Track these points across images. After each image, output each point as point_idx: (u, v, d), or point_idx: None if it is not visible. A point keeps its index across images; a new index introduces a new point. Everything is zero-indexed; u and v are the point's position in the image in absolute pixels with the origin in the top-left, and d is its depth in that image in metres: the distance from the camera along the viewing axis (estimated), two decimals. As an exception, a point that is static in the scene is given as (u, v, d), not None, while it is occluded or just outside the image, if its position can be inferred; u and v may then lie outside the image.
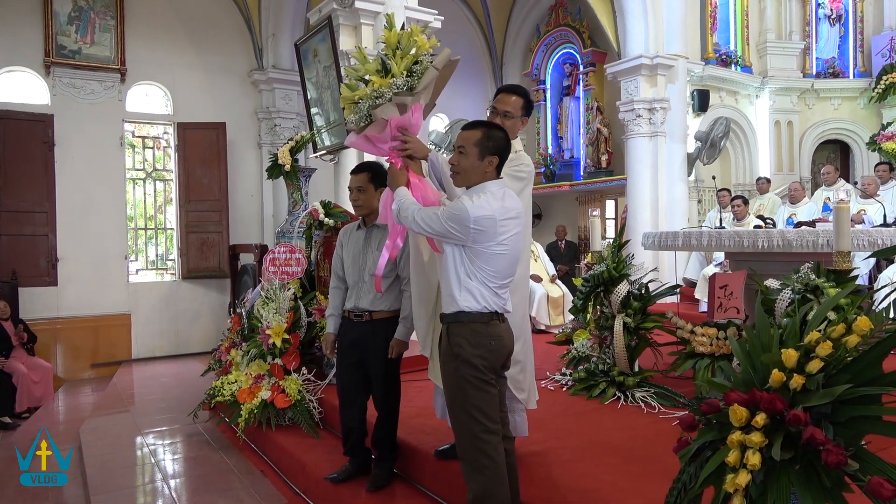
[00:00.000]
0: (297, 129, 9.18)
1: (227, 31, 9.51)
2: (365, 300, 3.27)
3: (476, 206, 2.32)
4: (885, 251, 1.81)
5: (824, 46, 11.32)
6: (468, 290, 2.38)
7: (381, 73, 2.70)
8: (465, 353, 2.37)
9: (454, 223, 2.32)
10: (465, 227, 2.30)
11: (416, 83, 2.66)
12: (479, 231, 2.31)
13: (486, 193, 2.39)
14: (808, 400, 1.55)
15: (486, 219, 2.31)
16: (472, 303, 2.37)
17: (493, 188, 2.42)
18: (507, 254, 2.40)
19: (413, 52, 2.70)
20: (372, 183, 3.29)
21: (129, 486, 4.10)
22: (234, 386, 4.66)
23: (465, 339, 2.38)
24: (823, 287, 3.14)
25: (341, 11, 6.17)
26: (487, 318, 2.39)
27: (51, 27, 8.11)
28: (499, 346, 2.40)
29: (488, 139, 2.42)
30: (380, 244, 3.17)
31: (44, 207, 8.05)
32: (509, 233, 2.39)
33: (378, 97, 2.66)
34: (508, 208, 2.40)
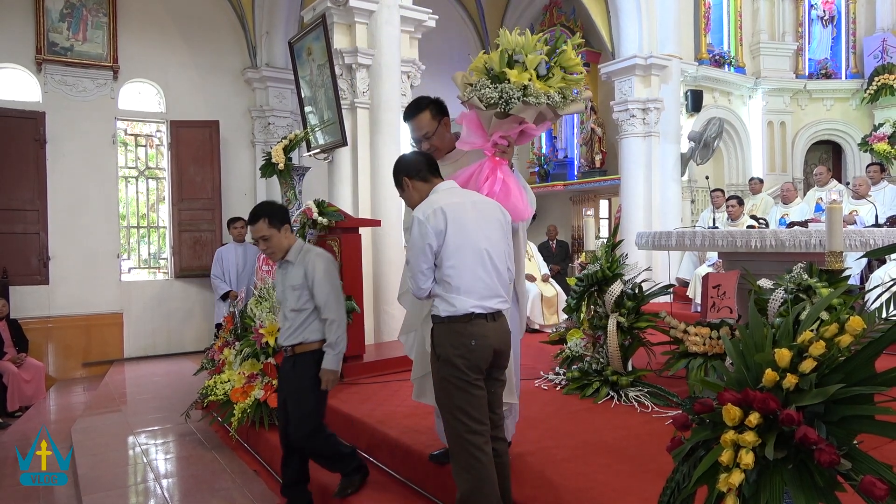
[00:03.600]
0: (291, 127, 9.16)
1: (220, 28, 9.47)
2: (283, 335, 3.28)
3: (420, 210, 2.48)
4: (877, 251, 1.82)
5: (817, 47, 11.38)
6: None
7: (539, 75, 2.72)
8: (445, 353, 2.39)
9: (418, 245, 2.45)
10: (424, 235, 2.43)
11: (563, 106, 2.75)
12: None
13: (431, 195, 2.57)
14: (801, 399, 1.55)
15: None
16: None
17: (438, 189, 2.60)
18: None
19: (573, 79, 2.80)
20: (273, 226, 3.18)
21: (121, 485, 4.08)
22: (227, 385, 4.64)
23: (446, 339, 2.41)
24: (816, 287, 3.15)
25: (335, 10, 6.15)
26: (467, 317, 2.40)
27: (42, 24, 8.05)
28: (481, 346, 2.39)
29: (395, 175, 2.69)
30: (294, 280, 3.18)
31: (35, 205, 8.00)
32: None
33: (530, 95, 2.66)
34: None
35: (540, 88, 2.67)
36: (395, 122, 6.35)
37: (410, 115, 2.99)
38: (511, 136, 2.76)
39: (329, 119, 6.49)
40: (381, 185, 6.25)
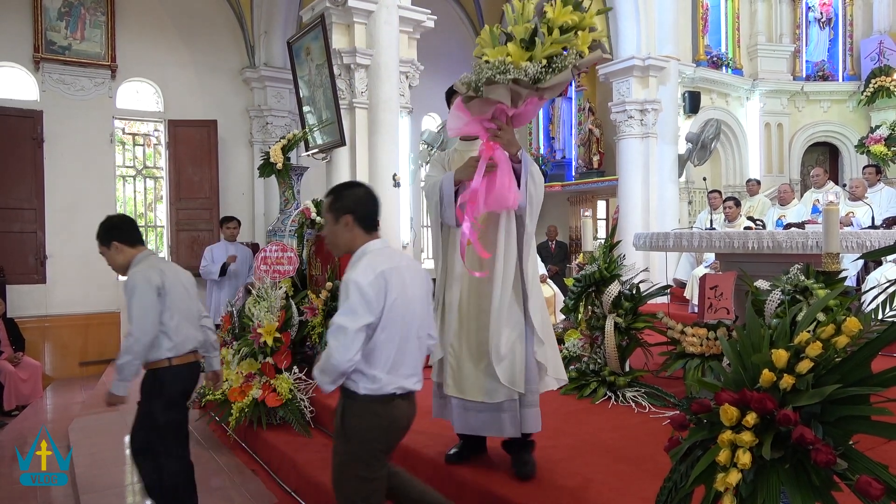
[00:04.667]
0: (289, 127, 9.16)
1: (218, 28, 9.46)
2: None
3: (360, 274, 2.13)
4: (874, 253, 1.83)
5: (814, 49, 11.41)
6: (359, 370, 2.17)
7: (524, 44, 2.40)
8: (358, 434, 2.19)
9: (357, 307, 2.10)
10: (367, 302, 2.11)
11: (546, 79, 2.39)
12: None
13: (366, 256, 2.21)
14: (798, 400, 1.56)
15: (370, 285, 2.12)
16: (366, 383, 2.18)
17: (372, 249, 2.24)
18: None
19: (568, 37, 2.40)
20: (103, 245, 3.16)
21: (119, 484, 4.08)
22: (225, 385, 4.64)
23: (361, 420, 2.19)
24: (813, 288, 3.17)
25: (334, 10, 6.16)
26: (389, 398, 2.20)
27: (40, 23, 8.04)
28: (396, 429, 2.27)
29: (337, 200, 2.28)
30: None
31: (32, 204, 7.99)
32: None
33: (502, 72, 2.38)
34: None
35: (516, 62, 2.39)
36: (394, 122, 6.35)
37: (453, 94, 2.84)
38: (499, 119, 2.54)
39: (327, 119, 6.49)
40: (379, 185, 6.25)
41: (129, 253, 3.11)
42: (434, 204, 2.82)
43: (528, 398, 2.78)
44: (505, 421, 2.76)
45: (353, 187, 2.36)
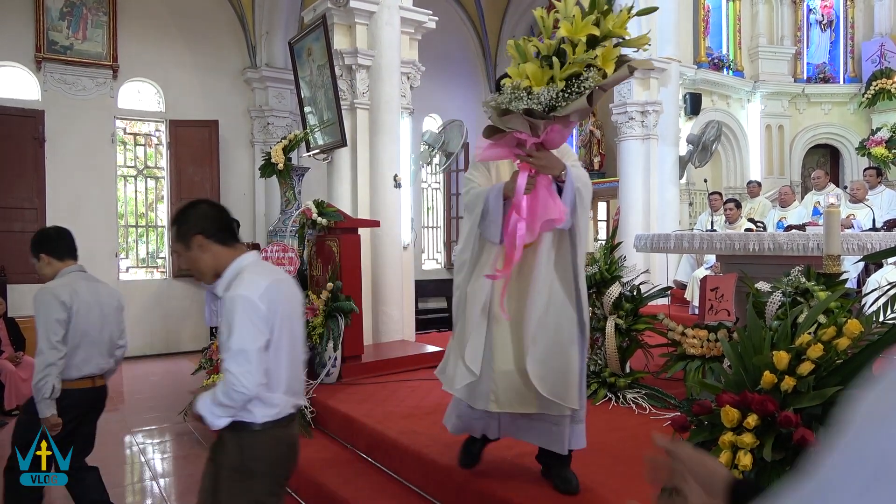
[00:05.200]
0: (290, 127, 9.16)
1: (220, 28, 9.47)
2: None
3: (247, 289, 1.94)
4: (875, 255, 1.83)
5: (815, 51, 11.41)
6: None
7: (547, 63, 2.11)
8: (260, 467, 2.00)
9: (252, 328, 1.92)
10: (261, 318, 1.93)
11: (561, 105, 2.10)
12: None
13: (245, 271, 2.02)
14: (799, 401, 1.57)
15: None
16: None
17: (248, 262, 2.06)
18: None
19: (591, 55, 2.08)
20: (34, 258, 3.05)
21: (119, 484, 4.08)
22: (226, 385, 4.64)
23: (263, 451, 2.01)
24: (813, 290, 3.16)
25: (336, 10, 6.16)
26: (288, 420, 2.07)
27: (42, 22, 8.05)
28: (294, 452, 2.14)
29: (181, 225, 2.07)
30: None
31: (33, 204, 7.99)
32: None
33: (515, 100, 2.14)
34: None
35: (535, 85, 2.13)
36: (395, 123, 6.36)
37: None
38: (528, 147, 2.31)
39: (328, 119, 6.50)
40: (380, 186, 6.25)
41: (56, 266, 3.05)
42: (475, 216, 2.62)
43: (579, 414, 2.67)
44: (556, 434, 2.63)
45: (194, 206, 2.11)
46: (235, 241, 2.11)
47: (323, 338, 4.74)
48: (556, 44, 2.12)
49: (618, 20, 2.05)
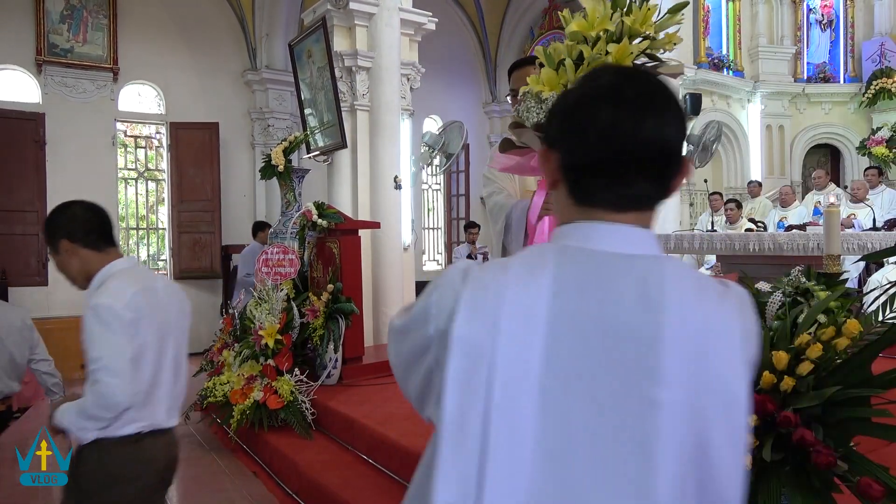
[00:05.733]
0: (291, 129, 9.17)
1: (220, 30, 9.48)
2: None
3: (110, 297, 1.85)
4: (874, 255, 1.83)
5: (815, 51, 11.41)
6: None
7: (560, 67, 1.82)
8: (120, 488, 1.92)
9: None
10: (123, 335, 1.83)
11: None
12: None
13: (112, 278, 1.94)
14: (799, 402, 1.57)
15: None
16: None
17: (118, 269, 1.98)
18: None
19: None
20: None
21: (120, 487, 4.08)
22: (227, 387, 4.65)
23: (122, 468, 1.94)
24: (814, 290, 3.16)
25: (335, 12, 6.17)
26: (158, 433, 1.98)
27: (43, 25, 8.06)
28: (169, 469, 2.05)
29: (48, 229, 2.00)
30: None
31: (34, 207, 8.00)
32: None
33: (526, 110, 1.88)
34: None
35: (541, 92, 1.85)
36: (395, 125, 6.36)
37: (519, 66, 2.48)
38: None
39: (329, 121, 6.50)
40: (380, 187, 6.26)
41: None
42: (498, 228, 2.51)
43: None
44: None
45: (64, 208, 2.01)
46: (109, 246, 2.01)
47: (323, 339, 4.74)
48: (574, 45, 1.82)
49: (639, 15, 1.74)
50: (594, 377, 0.78)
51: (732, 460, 0.79)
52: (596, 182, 0.86)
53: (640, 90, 0.85)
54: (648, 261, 0.83)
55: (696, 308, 0.79)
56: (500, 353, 0.80)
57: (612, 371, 0.78)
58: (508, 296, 0.82)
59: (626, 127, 0.83)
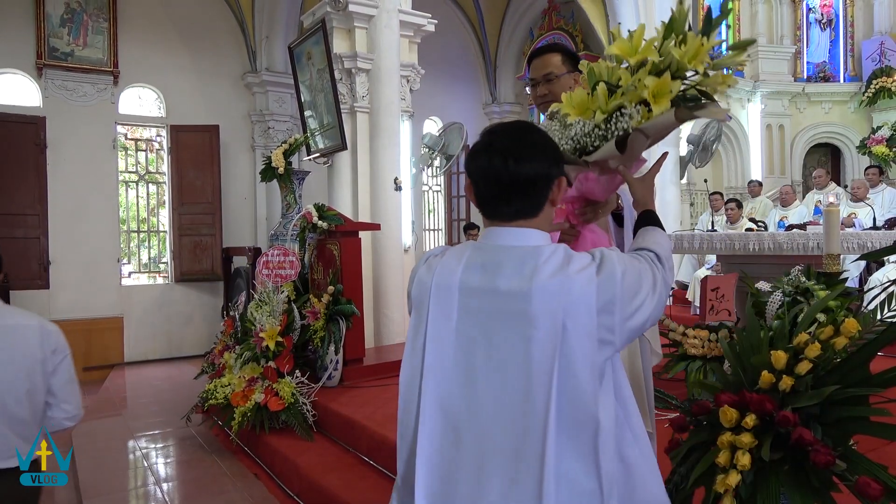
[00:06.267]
0: (291, 131, 9.18)
1: (220, 33, 9.50)
2: None
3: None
4: (873, 254, 1.83)
5: (815, 51, 11.41)
6: None
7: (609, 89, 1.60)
8: None
9: None
10: None
11: (593, 147, 1.58)
12: None
13: None
14: (797, 401, 1.57)
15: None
16: None
17: None
18: None
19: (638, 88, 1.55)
20: None
21: (122, 489, 4.09)
22: (228, 389, 4.65)
23: None
24: (813, 289, 3.16)
25: (335, 14, 6.18)
26: None
27: (43, 29, 8.07)
28: None
29: None
30: None
31: (35, 210, 8.01)
32: None
33: (550, 133, 1.64)
34: None
35: (567, 115, 1.67)
36: (395, 127, 6.37)
37: (539, 54, 2.35)
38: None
39: (329, 123, 6.51)
40: (380, 189, 6.26)
41: None
42: None
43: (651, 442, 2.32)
44: None
45: None
46: None
47: (324, 341, 4.75)
48: (616, 67, 1.64)
49: (690, 48, 1.52)
50: (488, 322, 1.26)
51: (585, 369, 1.20)
52: (490, 203, 1.34)
53: (506, 143, 1.29)
54: (528, 249, 1.28)
55: (556, 276, 1.22)
56: (431, 307, 1.32)
57: (499, 319, 1.25)
58: (438, 271, 1.35)
59: (496, 169, 1.29)
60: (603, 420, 1.20)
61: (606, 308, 1.23)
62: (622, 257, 1.30)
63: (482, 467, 1.22)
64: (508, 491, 1.19)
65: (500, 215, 1.32)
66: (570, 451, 1.19)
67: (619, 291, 1.24)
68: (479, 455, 1.23)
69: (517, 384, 1.21)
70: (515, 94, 12.06)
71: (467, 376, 1.26)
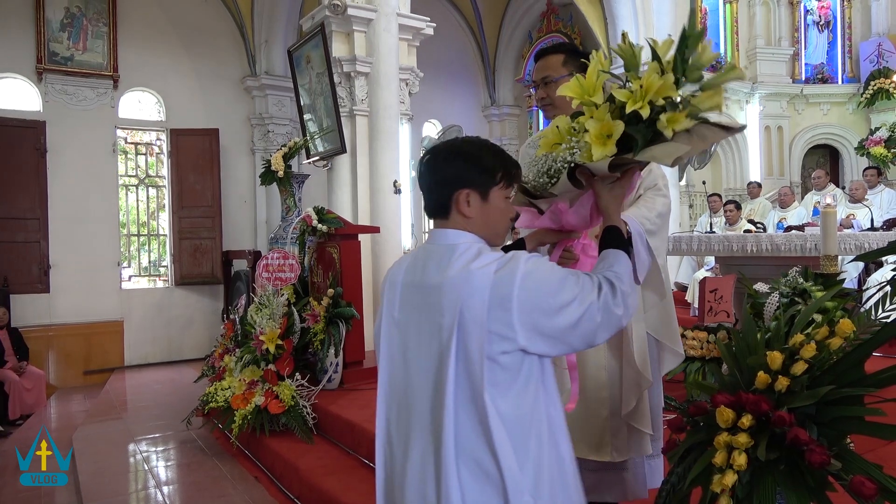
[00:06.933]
0: (290, 135, 9.20)
1: (220, 37, 9.52)
2: None
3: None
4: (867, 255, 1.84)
5: (813, 52, 11.44)
6: None
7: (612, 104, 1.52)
8: None
9: None
10: None
11: (543, 183, 1.61)
12: None
13: None
14: (793, 401, 1.58)
15: None
16: None
17: None
18: None
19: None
20: None
21: (123, 492, 4.10)
22: (228, 392, 4.66)
23: None
24: (811, 290, 3.18)
25: (334, 18, 6.20)
26: None
27: (43, 34, 8.10)
28: None
29: None
30: None
31: (36, 214, 8.03)
32: None
33: (527, 163, 1.69)
34: None
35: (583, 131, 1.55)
36: (394, 130, 6.38)
37: (541, 56, 2.31)
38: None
39: (328, 126, 6.53)
40: (379, 192, 6.28)
41: None
42: None
43: (656, 445, 2.18)
44: (628, 481, 2.14)
45: None
46: None
47: (324, 344, 4.76)
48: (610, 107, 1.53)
49: (648, 86, 1.45)
50: (416, 313, 1.45)
51: (475, 354, 1.33)
52: (427, 207, 1.53)
53: (428, 159, 1.51)
54: (447, 246, 1.45)
55: (462, 270, 1.37)
56: (385, 299, 1.55)
57: (423, 310, 1.43)
58: (393, 269, 1.58)
59: (422, 179, 1.51)
60: (490, 408, 1.32)
61: (502, 304, 1.32)
62: (537, 262, 1.38)
63: (409, 440, 1.43)
64: (422, 462, 1.38)
65: (433, 217, 1.53)
66: (468, 426, 1.34)
67: (517, 291, 1.33)
68: (408, 429, 1.44)
69: (431, 365, 1.40)
70: (514, 96, 12.08)
71: (404, 361, 1.47)
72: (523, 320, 1.33)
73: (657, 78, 1.45)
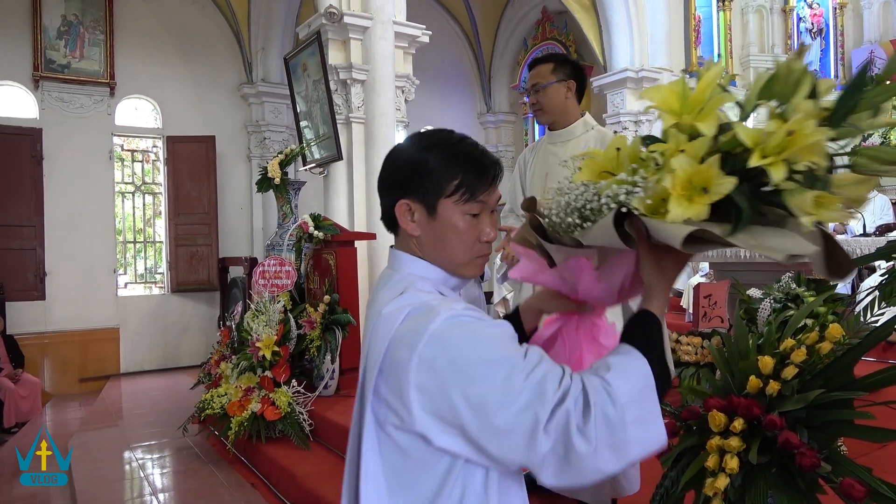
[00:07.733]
0: (287, 142, 9.22)
1: (216, 44, 9.55)
2: None
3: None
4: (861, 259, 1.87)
5: (806, 59, 11.52)
6: None
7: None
8: None
9: None
10: None
11: (573, 230, 1.06)
12: None
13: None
14: (784, 405, 1.60)
15: None
16: None
17: None
18: None
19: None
20: None
21: (118, 500, 4.09)
22: (224, 399, 4.66)
23: None
24: (803, 296, 3.21)
25: (330, 26, 6.23)
26: None
27: (40, 41, 8.12)
28: None
29: None
30: None
31: (32, 221, 8.03)
32: None
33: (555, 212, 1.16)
34: None
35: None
36: (390, 137, 6.41)
37: (532, 65, 2.51)
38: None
39: (324, 134, 6.55)
40: (376, 199, 6.23)
41: None
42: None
43: None
44: (619, 480, 2.16)
45: None
46: None
47: (321, 350, 4.76)
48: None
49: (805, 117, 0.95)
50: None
51: (371, 410, 1.09)
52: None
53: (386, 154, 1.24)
54: (390, 273, 1.19)
55: (381, 305, 1.11)
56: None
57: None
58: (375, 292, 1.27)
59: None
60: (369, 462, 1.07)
61: (394, 368, 1.03)
62: (461, 322, 0.98)
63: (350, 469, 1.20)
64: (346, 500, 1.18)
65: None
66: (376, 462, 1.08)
67: (415, 358, 0.98)
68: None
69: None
70: (510, 103, 12.14)
71: None
72: (421, 399, 0.97)
73: (813, 127, 0.91)
